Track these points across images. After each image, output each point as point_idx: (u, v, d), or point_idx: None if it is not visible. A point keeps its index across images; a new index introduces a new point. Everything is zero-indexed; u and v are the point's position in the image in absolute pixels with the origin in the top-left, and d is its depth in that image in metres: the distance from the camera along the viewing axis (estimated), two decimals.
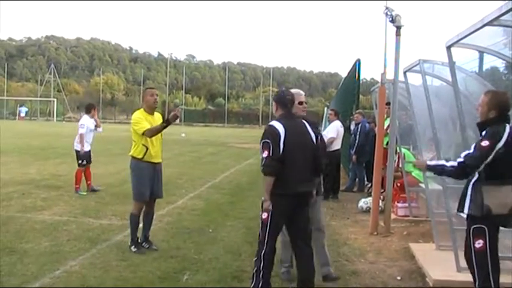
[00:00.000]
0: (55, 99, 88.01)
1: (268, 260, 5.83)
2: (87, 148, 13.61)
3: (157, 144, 8.07)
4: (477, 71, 8.20)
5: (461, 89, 7.39)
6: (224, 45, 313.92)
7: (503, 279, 6.42)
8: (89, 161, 13.61)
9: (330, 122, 14.57)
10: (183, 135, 43.94)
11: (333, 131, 13.56)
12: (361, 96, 20.57)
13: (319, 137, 6.25)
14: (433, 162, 5.61)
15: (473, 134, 8.78)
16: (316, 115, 56.28)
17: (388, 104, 10.65)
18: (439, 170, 5.48)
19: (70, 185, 13.76)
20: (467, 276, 6.66)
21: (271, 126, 5.85)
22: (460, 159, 5.08)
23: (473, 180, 5.18)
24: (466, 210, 5.20)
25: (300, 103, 6.44)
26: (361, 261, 7.74)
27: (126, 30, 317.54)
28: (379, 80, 10.45)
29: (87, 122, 13.54)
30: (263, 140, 5.76)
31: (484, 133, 5.16)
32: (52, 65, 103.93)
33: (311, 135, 6.03)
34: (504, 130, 5.03)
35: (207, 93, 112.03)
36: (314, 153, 5.98)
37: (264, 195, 5.77)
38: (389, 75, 9.97)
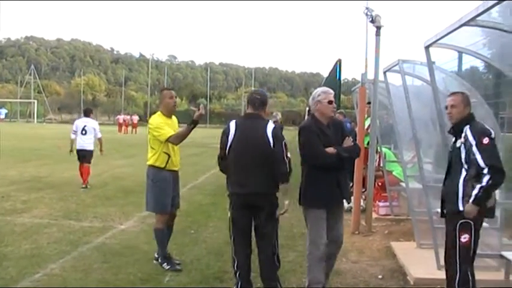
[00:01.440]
0: (35, 101, 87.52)
1: (240, 259, 5.86)
2: (91, 147, 14.90)
3: (178, 150, 7.49)
4: (457, 71, 8.26)
5: (441, 89, 7.44)
6: (206, 46, 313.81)
7: (484, 276, 6.50)
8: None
9: None
10: None
11: None
12: (342, 96, 20.64)
13: (283, 142, 5.78)
14: (473, 196, 5.05)
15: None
16: (298, 115, 56.41)
17: (369, 103, 10.69)
18: (485, 195, 5.05)
19: (51, 187, 13.70)
20: None
21: (227, 124, 6.03)
22: (486, 169, 4.97)
23: (463, 178, 5.20)
24: (460, 207, 5.17)
25: (330, 102, 6.10)
26: (343, 260, 7.75)
27: (108, 31, 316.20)
28: (360, 80, 10.49)
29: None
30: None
31: (467, 132, 5.21)
32: (32, 66, 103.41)
33: (265, 139, 5.71)
34: (483, 124, 5.30)
35: (189, 94, 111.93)
36: (267, 158, 5.70)
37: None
38: (371, 75, 10.02)
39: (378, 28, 9.43)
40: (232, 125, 5.93)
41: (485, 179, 4.95)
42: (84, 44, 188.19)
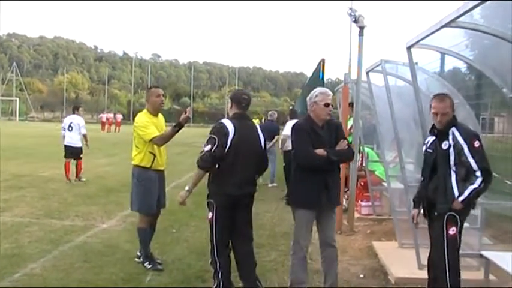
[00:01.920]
0: (17, 99, 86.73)
1: (222, 259, 5.87)
2: (79, 144, 15.44)
3: (164, 150, 7.43)
4: (439, 72, 8.31)
5: (423, 90, 7.49)
6: (190, 45, 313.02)
7: (464, 275, 6.54)
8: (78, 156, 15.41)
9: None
10: None
11: (286, 129, 13.74)
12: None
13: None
14: (464, 195, 5.15)
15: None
16: (281, 114, 56.39)
17: (350, 104, 10.71)
18: (476, 196, 5.23)
19: (33, 186, 13.60)
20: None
21: (221, 123, 5.83)
22: (478, 172, 5.07)
23: (455, 179, 5.21)
24: (456, 195, 5.17)
25: (326, 105, 5.99)
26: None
27: (91, 29, 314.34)
28: (343, 80, 10.52)
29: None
30: (210, 135, 5.75)
31: (456, 135, 5.23)
32: (14, 64, 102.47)
33: (260, 139, 6.05)
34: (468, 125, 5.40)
35: (173, 93, 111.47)
36: (260, 158, 6.05)
37: (189, 185, 5.89)
38: (354, 75, 10.05)
39: (361, 28, 9.47)
40: (229, 125, 5.77)
41: (479, 181, 5.06)
42: (67, 42, 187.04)
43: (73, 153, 15.30)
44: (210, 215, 5.87)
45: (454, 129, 5.24)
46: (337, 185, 6.17)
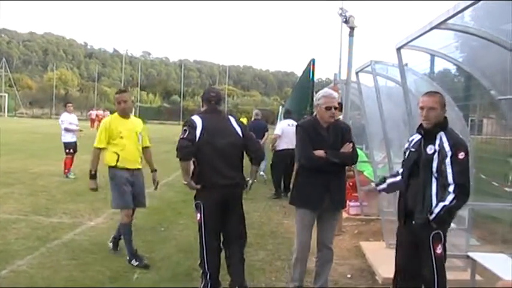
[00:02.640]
0: (6, 94, 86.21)
1: (211, 260, 5.80)
2: (73, 139, 16.07)
3: (132, 148, 7.57)
4: (429, 73, 8.34)
5: (413, 91, 7.52)
6: (180, 43, 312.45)
7: (451, 276, 6.57)
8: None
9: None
10: None
11: (277, 129, 13.86)
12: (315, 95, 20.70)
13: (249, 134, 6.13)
14: (434, 213, 4.73)
15: None
16: (271, 114, 56.50)
17: (340, 104, 10.73)
18: (448, 215, 4.78)
19: (21, 183, 13.55)
20: None
21: (189, 119, 5.91)
22: (452, 187, 4.63)
23: (435, 188, 4.79)
24: (436, 211, 4.71)
25: (328, 108, 5.92)
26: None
27: (81, 26, 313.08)
28: (333, 80, 10.54)
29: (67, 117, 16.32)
30: (183, 129, 5.79)
31: (444, 140, 4.82)
32: (4, 59, 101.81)
33: (235, 128, 5.98)
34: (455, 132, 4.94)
35: (163, 91, 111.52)
36: (240, 147, 5.93)
37: (184, 178, 5.79)
38: (344, 75, 10.08)
39: (352, 29, 9.48)
40: (197, 119, 5.82)
41: (450, 197, 4.63)
42: (57, 38, 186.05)
43: (66, 148, 15.98)
44: (198, 215, 5.81)
45: (442, 133, 4.84)
46: (341, 188, 6.12)
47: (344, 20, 9.44)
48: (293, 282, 6.19)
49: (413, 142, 5.21)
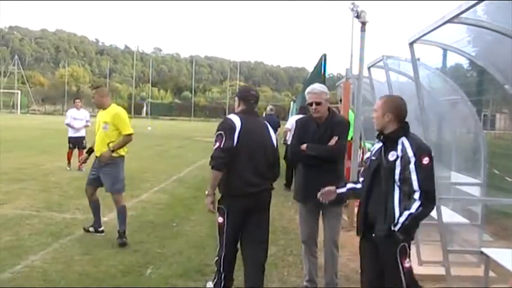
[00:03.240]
0: (19, 91, 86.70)
1: (227, 262, 5.59)
2: (78, 134, 16.59)
3: (97, 137, 8.30)
4: (441, 68, 8.30)
5: (425, 85, 7.48)
6: (191, 39, 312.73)
7: (464, 272, 6.56)
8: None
9: None
10: (149, 128, 43.72)
11: (288, 123, 14.02)
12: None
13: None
14: (399, 224, 4.37)
15: (436, 130, 8.95)
16: (282, 109, 56.48)
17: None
18: (414, 223, 4.43)
19: (34, 179, 13.61)
20: (428, 270, 6.82)
21: (228, 118, 5.55)
22: (417, 194, 4.32)
23: (398, 198, 4.46)
24: (400, 223, 4.36)
25: (310, 104, 5.99)
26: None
27: (93, 22, 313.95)
28: (345, 75, 10.51)
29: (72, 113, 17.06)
30: (217, 132, 5.40)
31: (406, 145, 4.48)
32: (16, 57, 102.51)
33: (271, 136, 5.71)
34: (420, 137, 4.66)
35: (174, 87, 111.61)
36: (272, 155, 5.65)
37: (208, 189, 5.43)
38: (355, 71, 10.04)
39: (363, 24, 9.44)
40: (236, 119, 5.46)
41: (416, 205, 4.30)
42: (69, 35, 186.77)
43: (68, 142, 16.72)
44: (221, 219, 5.49)
45: (404, 138, 4.51)
46: (331, 183, 5.64)
47: (355, 15, 9.41)
48: (304, 278, 6.23)
49: (374, 151, 4.86)
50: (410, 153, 4.40)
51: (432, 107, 8.11)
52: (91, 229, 8.49)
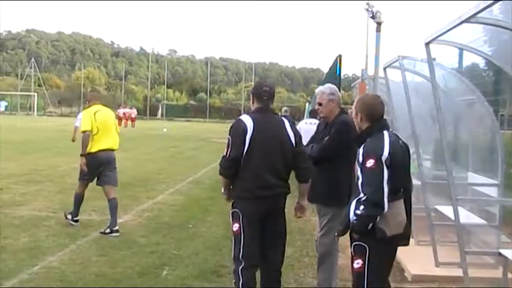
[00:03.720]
0: (36, 94, 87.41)
1: (248, 276, 5.17)
2: None
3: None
4: (457, 68, 8.25)
5: (441, 86, 7.44)
6: (206, 40, 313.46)
7: (482, 273, 6.50)
8: None
9: None
10: (165, 130, 43.90)
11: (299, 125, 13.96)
12: (342, 92, 20.71)
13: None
14: (350, 220, 4.36)
15: (453, 130, 8.90)
16: (298, 110, 56.45)
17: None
18: (360, 225, 4.30)
19: (50, 180, 13.72)
20: (445, 271, 6.78)
21: (239, 120, 5.26)
22: (363, 198, 4.23)
23: (355, 197, 4.39)
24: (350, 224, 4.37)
25: (319, 104, 5.99)
26: (341, 256, 7.74)
27: (108, 25, 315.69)
28: (360, 76, 10.48)
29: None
30: (228, 136, 5.23)
31: (362, 147, 4.41)
32: (32, 59, 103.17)
33: (289, 135, 5.31)
34: (383, 139, 4.37)
35: (189, 88, 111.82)
36: (290, 156, 5.27)
37: (222, 189, 5.41)
38: (371, 71, 10.02)
39: (379, 24, 9.44)
40: (248, 120, 5.17)
41: (361, 207, 4.23)
42: (84, 37, 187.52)
43: None
44: (236, 226, 5.18)
45: (369, 139, 4.42)
46: (324, 182, 5.81)
47: (371, 15, 9.40)
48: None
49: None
50: (360, 155, 4.36)
51: (448, 107, 8.06)
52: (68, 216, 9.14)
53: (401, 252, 7.72)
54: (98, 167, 8.93)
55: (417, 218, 8.24)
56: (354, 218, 4.29)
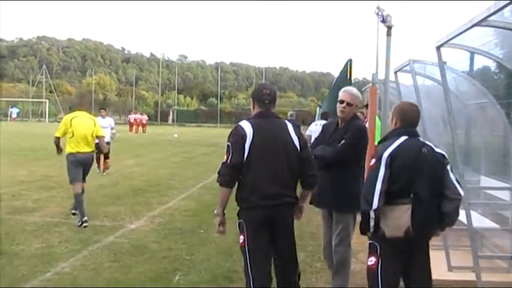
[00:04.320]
0: (47, 100, 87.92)
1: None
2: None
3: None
4: (468, 71, 8.23)
5: (452, 89, 7.42)
6: (216, 45, 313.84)
7: (494, 277, 6.46)
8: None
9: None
10: (176, 135, 44.01)
11: (309, 129, 14.04)
12: None
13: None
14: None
15: (464, 133, 8.87)
16: (308, 114, 56.43)
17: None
18: (362, 219, 4.50)
19: (61, 186, 13.74)
20: (458, 275, 6.73)
21: (238, 126, 4.95)
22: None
23: None
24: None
25: (341, 102, 5.94)
26: (353, 261, 7.71)
27: (119, 31, 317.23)
28: (371, 80, 10.45)
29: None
30: (226, 143, 4.92)
31: None
32: (44, 66, 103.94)
33: (292, 139, 4.99)
34: (395, 141, 4.48)
35: (200, 94, 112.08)
36: (295, 162, 4.94)
37: (217, 209, 5.06)
38: (381, 75, 9.98)
39: (389, 28, 9.38)
40: (247, 126, 4.88)
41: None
42: (95, 44, 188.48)
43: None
44: (241, 238, 4.91)
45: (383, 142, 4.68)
46: (334, 186, 5.77)
47: (381, 19, 9.35)
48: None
49: None
50: None
51: (460, 110, 8.04)
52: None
53: None
54: (78, 165, 10.00)
55: None
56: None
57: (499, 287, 6.11)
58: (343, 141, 5.76)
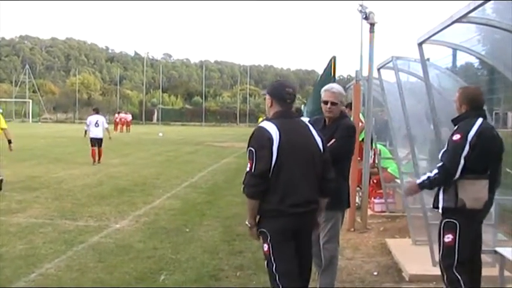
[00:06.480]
0: (30, 100, 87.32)
1: None
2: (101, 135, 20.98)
3: None
4: (451, 67, 8.27)
5: (435, 85, 7.45)
6: (201, 44, 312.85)
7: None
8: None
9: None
10: (161, 134, 43.92)
11: None
12: None
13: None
14: (421, 179, 5.32)
15: (449, 130, 8.91)
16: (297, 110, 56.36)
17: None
18: (428, 184, 5.20)
19: (46, 187, 13.69)
20: None
21: (261, 128, 4.50)
22: (439, 164, 5.03)
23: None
24: (440, 204, 5.13)
25: (325, 102, 5.80)
26: (339, 257, 7.76)
27: (102, 30, 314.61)
28: (355, 77, 10.50)
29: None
30: (248, 148, 4.45)
31: (455, 128, 5.11)
32: (27, 66, 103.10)
33: (316, 141, 4.65)
34: (475, 122, 4.98)
35: (184, 92, 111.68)
36: (320, 165, 4.61)
37: (248, 220, 4.58)
38: (366, 72, 10.03)
39: (372, 25, 9.45)
40: (271, 127, 4.44)
41: (434, 172, 5.12)
42: (78, 43, 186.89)
43: (99, 142, 20.55)
44: (266, 247, 4.48)
45: (459, 123, 5.17)
46: (336, 187, 5.33)
47: (364, 16, 9.41)
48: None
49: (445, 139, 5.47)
50: (452, 132, 5.15)
51: (443, 106, 8.07)
52: None
53: (399, 253, 7.77)
54: None
55: (414, 218, 8.29)
56: (425, 179, 5.20)
57: (482, 281, 6.14)
58: (333, 140, 5.65)
